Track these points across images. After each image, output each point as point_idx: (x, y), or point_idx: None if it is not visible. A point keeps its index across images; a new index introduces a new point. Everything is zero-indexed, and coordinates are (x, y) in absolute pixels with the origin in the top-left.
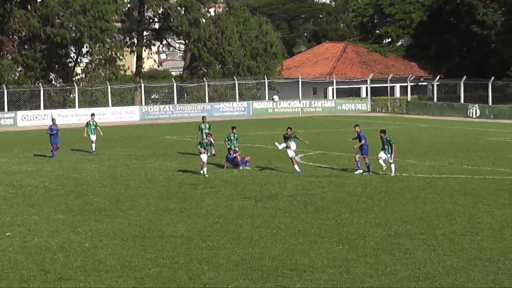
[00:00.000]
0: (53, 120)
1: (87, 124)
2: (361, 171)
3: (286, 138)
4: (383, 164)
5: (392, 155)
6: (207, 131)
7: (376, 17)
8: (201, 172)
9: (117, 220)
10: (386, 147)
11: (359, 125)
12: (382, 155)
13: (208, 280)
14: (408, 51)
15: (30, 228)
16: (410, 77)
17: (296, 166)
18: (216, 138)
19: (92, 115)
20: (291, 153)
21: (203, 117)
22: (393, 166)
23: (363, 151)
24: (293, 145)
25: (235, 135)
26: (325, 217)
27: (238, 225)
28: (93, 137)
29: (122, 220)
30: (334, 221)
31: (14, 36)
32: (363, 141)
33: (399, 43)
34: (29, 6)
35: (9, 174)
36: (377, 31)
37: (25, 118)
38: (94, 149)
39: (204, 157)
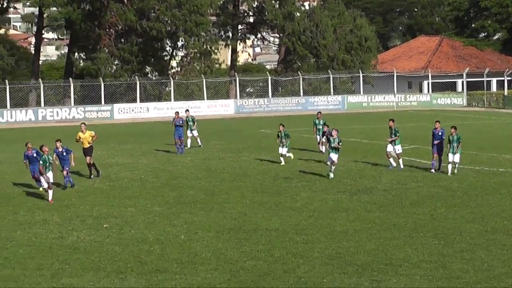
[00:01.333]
0: (176, 113)
1: (186, 121)
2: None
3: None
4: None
5: (458, 155)
6: (320, 127)
7: (472, 11)
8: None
9: (212, 213)
10: (455, 144)
11: (440, 121)
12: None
13: (303, 274)
14: (505, 45)
15: (126, 220)
16: (507, 72)
17: (401, 160)
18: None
19: (187, 111)
20: (398, 148)
21: (319, 112)
22: (449, 166)
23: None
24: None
25: (283, 132)
26: (420, 211)
27: (333, 219)
28: (189, 133)
29: (217, 213)
30: (430, 216)
31: (111, 30)
32: (438, 140)
33: (495, 37)
34: (125, 0)
35: (106, 167)
36: (473, 25)
37: (121, 111)
38: (200, 143)
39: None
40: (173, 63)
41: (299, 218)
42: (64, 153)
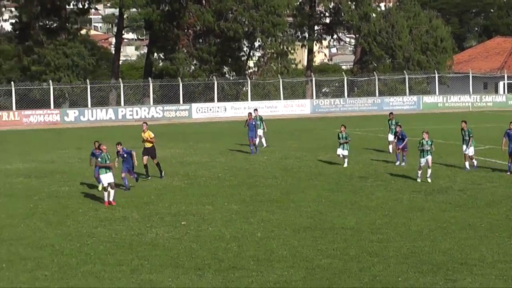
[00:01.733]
0: (249, 114)
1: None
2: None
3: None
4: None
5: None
6: (393, 127)
7: None
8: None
9: (288, 211)
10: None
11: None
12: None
13: (378, 272)
14: None
15: (204, 217)
16: None
17: (474, 161)
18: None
19: (255, 110)
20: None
21: (391, 113)
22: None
23: None
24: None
25: (344, 134)
26: (496, 212)
27: (408, 219)
28: (259, 132)
29: (293, 211)
30: (505, 216)
31: (189, 31)
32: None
33: None
34: (203, 1)
35: (184, 165)
36: None
37: (199, 110)
38: (264, 144)
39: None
40: (250, 63)
41: (374, 217)
42: (125, 155)
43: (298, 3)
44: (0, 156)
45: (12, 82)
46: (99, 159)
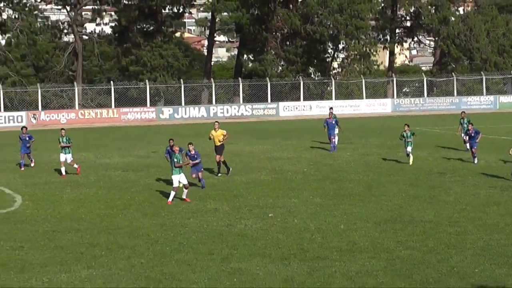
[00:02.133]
0: (330, 113)
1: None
2: None
3: None
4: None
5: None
6: (465, 125)
7: None
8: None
9: (370, 205)
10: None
11: None
12: None
13: (455, 264)
14: None
15: (290, 210)
16: None
17: None
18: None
19: (331, 108)
20: None
21: (463, 112)
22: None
23: None
24: None
25: (407, 133)
26: None
27: (484, 212)
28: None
29: (375, 205)
30: None
31: (277, 33)
32: None
33: None
34: (290, 6)
35: (272, 160)
36: None
37: (286, 108)
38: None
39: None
40: (335, 64)
41: (452, 211)
42: (195, 156)
43: (380, 7)
44: (100, 151)
45: (112, 82)
46: (174, 159)
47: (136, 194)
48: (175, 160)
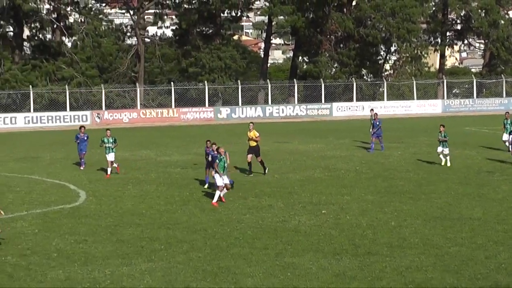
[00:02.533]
0: (375, 114)
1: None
2: None
3: None
4: None
5: None
6: (508, 126)
7: None
8: None
9: (420, 202)
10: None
11: None
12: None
13: (503, 260)
14: None
15: (342, 207)
16: None
17: None
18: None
19: (371, 110)
20: None
21: (507, 112)
22: None
23: None
24: None
25: (443, 133)
26: None
27: None
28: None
29: (425, 202)
30: None
31: (331, 36)
32: None
33: None
34: (344, 9)
35: (325, 158)
36: None
37: (339, 109)
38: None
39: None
40: (387, 66)
41: (500, 208)
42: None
43: (431, 11)
44: (160, 149)
45: (172, 83)
46: (216, 161)
47: (195, 190)
48: (219, 162)
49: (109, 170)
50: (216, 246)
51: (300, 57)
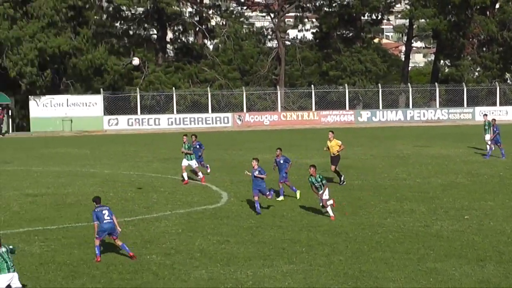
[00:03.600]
0: (493, 120)
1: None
2: None
3: None
4: None
5: None
6: None
7: None
8: None
9: None
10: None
11: None
12: None
13: None
14: None
15: (486, 212)
16: None
17: None
18: None
19: (485, 115)
20: None
21: None
22: None
23: None
24: None
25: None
26: None
27: None
28: (487, 137)
29: None
30: None
31: (474, 40)
32: None
33: None
34: (487, 12)
35: (467, 163)
36: None
37: (482, 113)
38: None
39: None
40: None
41: None
42: (256, 172)
43: None
44: (301, 151)
45: (312, 86)
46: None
47: (335, 193)
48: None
49: (184, 175)
50: (357, 249)
51: (441, 61)
